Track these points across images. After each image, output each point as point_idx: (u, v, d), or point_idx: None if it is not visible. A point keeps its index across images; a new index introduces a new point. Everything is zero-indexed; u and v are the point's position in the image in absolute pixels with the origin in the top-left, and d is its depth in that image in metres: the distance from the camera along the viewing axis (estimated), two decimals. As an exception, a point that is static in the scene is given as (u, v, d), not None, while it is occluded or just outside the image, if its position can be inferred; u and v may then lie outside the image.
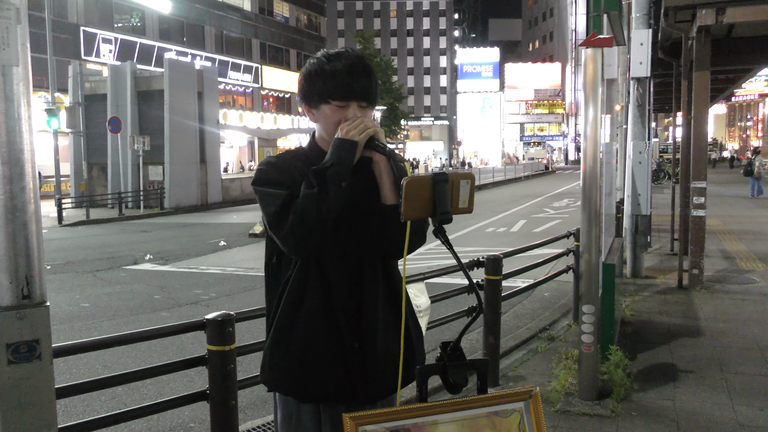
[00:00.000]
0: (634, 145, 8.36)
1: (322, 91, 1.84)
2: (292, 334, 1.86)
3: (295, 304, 1.86)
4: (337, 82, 1.82)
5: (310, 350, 1.84)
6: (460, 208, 1.67)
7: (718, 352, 5.38)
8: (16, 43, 1.79)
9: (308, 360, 1.84)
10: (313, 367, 1.83)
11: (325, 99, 1.84)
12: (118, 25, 36.85)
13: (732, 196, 22.71)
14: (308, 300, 1.85)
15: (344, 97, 1.83)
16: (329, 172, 1.74)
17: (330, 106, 1.84)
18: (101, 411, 4.42)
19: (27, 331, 1.81)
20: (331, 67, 1.83)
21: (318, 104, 1.86)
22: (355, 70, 1.83)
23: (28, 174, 1.82)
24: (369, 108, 1.88)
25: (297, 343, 1.85)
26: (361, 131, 1.78)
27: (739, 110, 77.04)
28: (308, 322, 1.84)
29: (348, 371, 1.84)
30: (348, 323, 1.84)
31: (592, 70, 4.19)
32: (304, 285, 1.86)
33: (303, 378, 1.84)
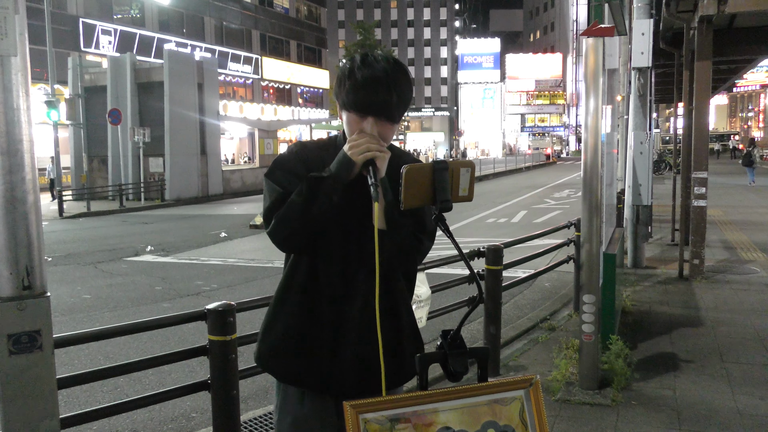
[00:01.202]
0: (636, 135, 8.35)
1: (344, 98, 1.84)
2: (278, 316, 1.92)
3: (284, 292, 1.92)
4: (357, 93, 1.80)
5: (290, 336, 1.89)
6: (461, 196, 1.66)
7: (718, 342, 5.39)
8: (14, 33, 1.79)
9: (286, 344, 1.89)
10: (289, 351, 1.88)
11: (347, 106, 1.84)
12: (118, 17, 36.71)
13: (733, 186, 22.70)
14: (295, 291, 1.90)
15: (360, 110, 1.81)
16: (324, 183, 1.75)
17: (349, 114, 1.84)
18: (103, 401, 4.44)
19: (28, 321, 1.81)
20: (356, 76, 1.80)
21: (341, 108, 1.88)
22: (378, 83, 1.78)
23: (27, 165, 1.82)
24: (389, 123, 1.84)
25: (279, 327, 1.91)
26: (361, 152, 1.76)
27: (741, 101, 76.82)
28: (291, 311, 1.89)
29: (325, 364, 1.86)
30: (334, 318, 1.86)
31: (594, 60, 4.18)
32: (294, 276, 1.90)
33: (279, 359, 1.91)
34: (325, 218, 1.77)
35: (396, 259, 1.84)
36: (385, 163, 1.80)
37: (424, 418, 1.57)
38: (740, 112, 77.69)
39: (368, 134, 1.80)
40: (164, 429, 4.16)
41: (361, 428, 1.52)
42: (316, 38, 57.26)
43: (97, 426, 4.11)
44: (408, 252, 1.86)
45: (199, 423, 4.18)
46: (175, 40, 38.42)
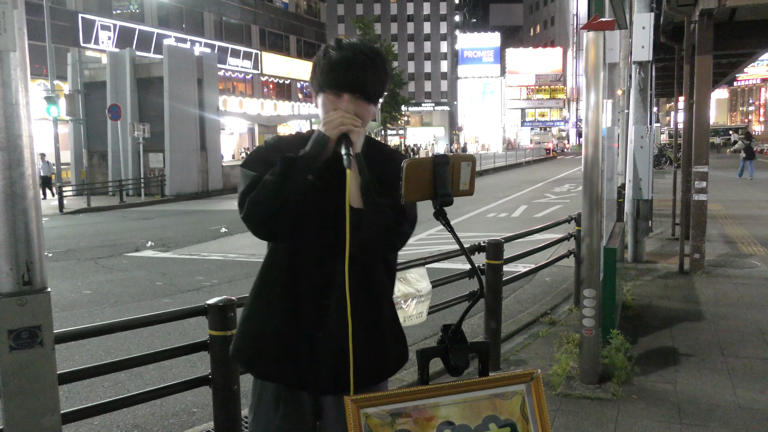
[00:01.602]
0: (636, 129, 8.34)
1: (319, 79, 1.82)
2: (253, 312, 1.89)
3: (260, 285, 1.89)
4: (331, 71, 1.79)
5: (265, 330, 1.85)
6: (461, 190, 1.65)
7: (718, 336, 5.39)
8: (13, 28, 1.78)
9: (263, 340, 1.85)
10: (266, 346, 1.85)
11: (321, 88, 1.82)
12: (117, 12, 36.64)
13: (734, 180, 22.68)
14: (272, 283, 1.86)
15: (335, 87, 1.79)
16: (299, 162, 1.71)
17: (325, 95, 1.82)
18: (104, 396, 4.44)
19: (28, 317, 1.81)
20: (330, 56, 1.80)
21: (317, 92, 1.85)
22: (352, 61, 1.78)
23: (27, 160, 1.81)
24: (365, 102, 1.81)
25: (255, 321, 1.88)
26: (335, 126, 1.73)
27: (741, 95, 76.72)
28: (268, 304, 1.86)
29: (299, 360, 1.81)
30: (311, 312, 1.82)
31: (594, 54, 4.16)
32: (271, 268, 1.88)
33: (256, 355, 1.87)
34: (301, 199, 1.71)
35: (374, 242, 1.74)
36: (361, 139, 1.77)
37: (426, 412, 1.57)
38: (741, 106, 77.58)
39: (343, 110, 1.77)
40: (165, 424, 4.17)
41: (362, 423, 1.52)
42: (315, 33, 57.14)
43: (98, 421, 4.11)
44: (387, 234, 1.76)
45: (200, 418, 4.18)
46: (174, 35, 38.37)
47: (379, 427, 1.54)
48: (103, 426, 4.11)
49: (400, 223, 1.77)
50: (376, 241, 1.75)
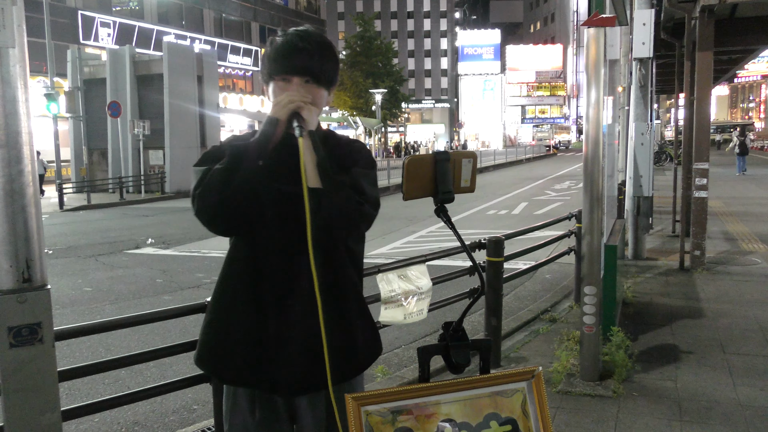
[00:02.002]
0: (637, 126, 8.33)
1: (268, 67, 1.80)
2: (217, 314, 1.83)
3: (222, 286, 1.83)
4: (278, 57, 1.77)
5: (230, 333, 1.79)
6: (462, 187, 1.65)
7: (719, 333, 5.39)
8: (12, 25, 1.77)
9: (227, 342, 1.79)
10: (231, 350, 1.78)
11: (270, 76, 1.80)
12: (117, 9, 36.60)
13: (735, 177, 22.67)
14: (234, 283, 1.81)
15: (283, 71, 1.77)
16: (248, 148, 1.68)
17: (275, 83, 1.79)
18: (104, 394, 4.44)
19: (28, 314, 1.81)
20: (276, 43, 1.79)
21: (267, 81, 1.83)
22: (296, 44, 1.76)
23: (26, 157, 1.81)
24: (315, 85, 1.79)
25: (219, 324, 1.82)
26: (284, 105, 1.70)
27: (742, 91, 76.65)
28: (231, 305, 1.80)
29: (269, 360, 1.75)
30: (277, 310, 1.75)
31: (595, 51, 4.15)
32: (232, 266, 1.82)
33: (223, 360, 1.80)
34: (251, 186, 1.66)
35: (337, 221, 1.66)
36: (314, 117, 1.73)
37: (426, 410, 1.57)
38: (741, 102, 77.51)
39: (293, 91, 1.74)
40: (166, 421, 4.17)
41: (362, 420, 1.52)
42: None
43: (99, 418, 4.12)
44: (349, 213, 1.68)
45: (201, 415, 4.18)
46: (174, 32, 38.33)
47: (380, 425, 1.53)
48: (103, 423, 4.12)
49: (360, 203, 1.70)
50: (338, 220, 1.67)
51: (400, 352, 5.30)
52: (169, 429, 4.03)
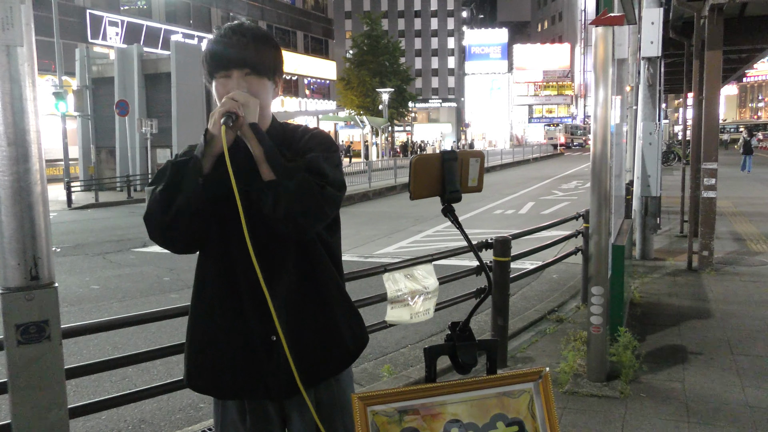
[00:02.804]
0: (645, 126, 8.29)
1: (206, 66, 1.76)
2: (198, 333, 1.79)
3: (199, 299, 1.79)
4: (214, 54, 1.73)
5: (218, 347, 1.75)
6: (470, 186, 1.65)
7: (727, 334, 5.36)
8: (21, 23, 1.77)
9: (217, 357, 1.75)
10: (222, 364, 1.75)
11: (212, 75, 1.75)
12: (125, 8, 36.72)
13: (743, 177, 22.56)
14: (211, 294, 1.76)
15: (222, 66, 1.72)
16: (188, 164, 1.63)
17: (217, 81, 1.74)
18: (111, 391, 4.46)
19: (36, 312, 1.81)
20: (211, 41, 1.76)
21: (211, 82, 1.77)
22: (234, 37, 1.73)
23: (34, 155, 1.81)
24: (256, 77, 1.73)
25: (203, 342, 1.78)
26: (216, 114, 1.63)
27: (751, 91, 76.22)
28: (211, 320, 1.76)
29: (260, 365, 1.73)
30: (257, 315, 1.71)
31: (603, 50, 4.13)
32: (204, 277, 1.78)
33: (212, 375, 1.77)
34: (196, 203, 1.61)
35: (299, 211, 1.60)
36: (252, 109, 1.66)
37: (433, 410, 1.56)
38: (750, 102, 77.07)
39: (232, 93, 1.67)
40: (172, 419, 4.18)
41: (369, 420, 1.52)
42: (322, 29, 57.09)
43: (106, 416, 4.13)
44: (310, 199, 1.61)
45: (207, 413, 4.19)
46: (182, 31, 38.41)
47: (386, 425, 1.53)
48: (110, 420, 4.13)
49: (321, 186, 1.63)
50: (298, 206, 1.60)
51: (407, 352, 5.29)
52: (175, 427, 4.04)
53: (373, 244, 10.72)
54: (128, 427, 4.08)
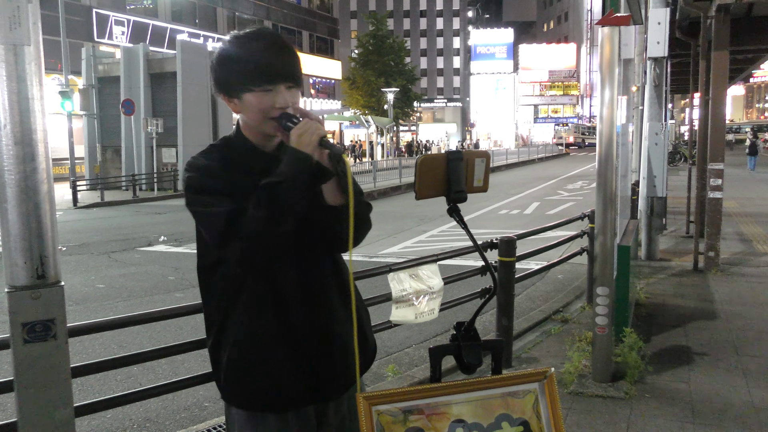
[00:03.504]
0: (651, 126, 8.27)
1: (243, 77, 1.62)
2: (252, 347, 1.70)
3: (249, 315, 1.69)
4: (259, 64, 1.62)
5: (274, 361, 1.69)
6: (475, 186, 1.64)
7: (733, 335, 5.34)
8: (28, 22, 1.78)
9: (273, 372, 1.69)
10: (279, 378, 1.69)
11: (246, 86, 1.63)
12: (131, 7, 36.82)
13: (749, 178, 22.47)
14: (262, 308, 1.69)
15: (268, 80, 1.62)
16: (281, 188, 1.53)
17: (254, 94, 1.63)
18: (117, 390, 4.47)
19: (42, 310, 1.82)
20: (248, 50, 1.64)
21: (239, 93, 1.65)
22: (276, 48, 1.65)
23: (41, 154, 1.82)
24: (296, 88, 1.68)
25: (259, 356, 1.69)
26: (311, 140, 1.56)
27: (758, 91, 75.90)
28: (266, 332, 1.69)
29: (312, 373, 1.72)
30: (305, 324, 1.71)
31: (609, 50, 4.13)
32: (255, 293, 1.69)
33: (271, 392, 1.69)
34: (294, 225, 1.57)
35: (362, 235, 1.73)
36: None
37: (438, 410, 1.56)
38: (757, 102, 76.76)
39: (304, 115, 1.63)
40: (177, 418, 4.19)
41: (374, 420, 1.52)
42: (328, 29, 57.11)
43: (111, 414, 4.14)
44: (367, 224, 1.76)
45: (212, 412, 4.20)
46: (187, 30, 38.48)
47: (391, 425, 1.53)
48: (115, 419, 4.14)
49: (369, 204, 1.77)
50: (361, 228, 1.71)
51: (411, 352, 5.29)
52: (180, 426, 4.05)
53: (378, 244, 10.71)
54: (133, 425, 4.09)
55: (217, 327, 1.75)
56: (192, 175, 1.65)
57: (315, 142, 1.55)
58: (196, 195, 1.63)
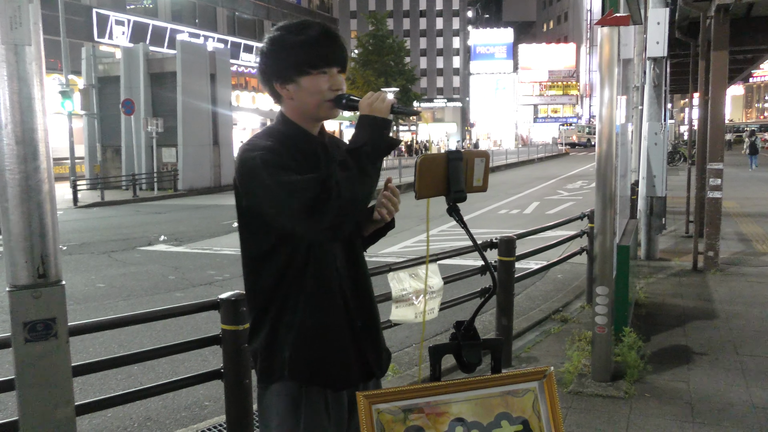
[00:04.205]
0: (650, 126, 8.27)
1: (302, 61, 1.73)
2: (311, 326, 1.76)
3: (317, 297, 1.76)
4: (318, 49, 1.74)
5: (341, 342, 1.79)
6: (475, 186, 1.65)
7: (732, 335, 5.34)
8: (29, 22, 1.79)
9: (341, 352, 1.79)
10: (348, 357, 1.80)
11: (304, 70, 1.73)
12: (131, 7, 36.80)
13: (749, 178, 22.48)
14: (320, 287, 1.77)
15: (327, 63, 1.75)
16: (363, 152, 1.61)
17: (310, 77, 1.74)
18: (117, 389, 4.48)
19: (43, 309, 1.82)
20: (305, 37, 1.74)
21: (295, 77, 1.75)
22: (330, 35, 1.77)
23: (42, 154, 1.83)
24: (343, 74, 1.82)
25: (329, 336, 1.77)
26: (385, 105, 1.67)
27: (757, 91, 75.91)
28: (334, 314, 1.78)
29: (365, 351, 1.84)
30: (358, 309, 1.84)
31: (608, 50, 4.13)
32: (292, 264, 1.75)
33: (341, 369, 1.79)
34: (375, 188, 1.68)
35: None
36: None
37: (437, 408, 1.57)
38: (756, 102, 76.78)
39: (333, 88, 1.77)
40: (178, 417, 4.19)
41: (374, 419, 1.52)
42: (328, 28, 57.00)
43: (111, 413, 4.15)
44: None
45: (212, 411, 4.21)
46: (187, 30, 38.46)
47: (391, 423, 1.54)
48: (116, 418, 4.15)
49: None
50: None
51: (411, 351, 5.30)
52: (180, 425, 4.05)
53: (378, 243, 10.69)
54: (134, 424, 4.10)
55: (276, 310, 1.77)
56: (262, 153, 1.69)
57: (388, 108, 1.66)
58: (275, 168, 1.65)
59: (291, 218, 1.63)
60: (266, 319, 1.79)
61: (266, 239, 1.75)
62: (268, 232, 1.73)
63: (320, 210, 1.57)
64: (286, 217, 1.65)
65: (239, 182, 1.73)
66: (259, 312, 1.81)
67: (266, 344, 1.78)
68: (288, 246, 1.75)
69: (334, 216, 1.57)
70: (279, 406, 1.76)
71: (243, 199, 1.75)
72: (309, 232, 1.65)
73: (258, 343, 1.80)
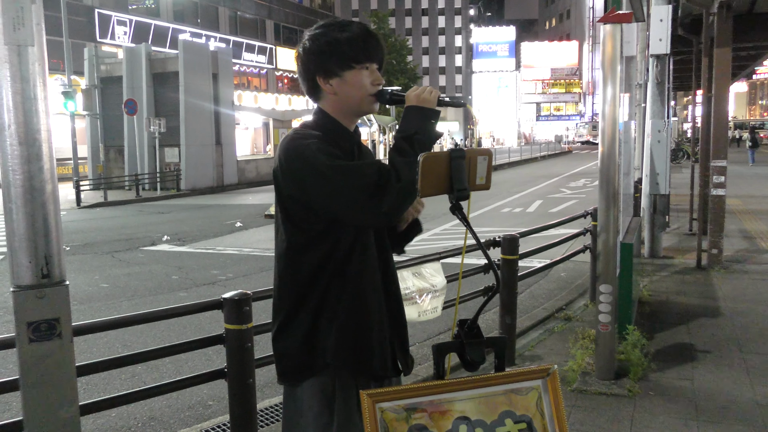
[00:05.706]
0: (653, 123, 8.25)
1: (346, 56, 1.80)
2: (355, 315, 1.80)
3: (354, 282, 1.80)
4: (361, 44, 1.82)
5: (378, 329, 1.85)
6: (478, 184, 1.65)
7: (736, 332, 5.33)
8: (31, 23, 1.79)
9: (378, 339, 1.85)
10: (382, 344, 1.86)
11: (348, 64, 1.80)
12: (133, 7, 36.83)
13: (753, 175, 22.42)
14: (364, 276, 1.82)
15: (369, 59, 1.83)
16: (417, 139, 1.70)
17: (354, 71, 1.81)
18: (121, 389, 4.49)
19: (47, 309, 1.83)
20: (349, 33, 1.82)
21: (340, 72, 1.81)
22: (371, 33, 1.86)
23: (45, 154, 1.83)
24: (381, 71, 1.90)
25: (362, 323, 1.81)
26: (431, 92, 1.75)
27: (761, 88, 75.70)
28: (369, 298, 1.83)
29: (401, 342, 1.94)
30: (391, 295, 1.92)
31: (611, 47, 4.12)
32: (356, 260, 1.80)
33: (377, 356, 1.83)
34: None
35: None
36: None
37: (441, 407, 1.57)
38: (760, 99, 76.57)
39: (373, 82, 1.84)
40: (181, 416, 4.20)
41: (377, 417, 1.52)
42: (330, 27, 57.01)
43: (115, 413, 4.15)
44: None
45: (216, 411, 4.21)
46: (189, 30, 38.49)
47: (395, 422, 1.53)
48: (120, 418, 4.16)
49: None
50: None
51: (414, 350, 5.29)
52: (184, 425, 4.06)
53: (381, 243, 10.70)
54: (138, 424, 4.11)
55: (317, 300, 1.79)
56: (315, 141, 1.74)
57: (435, 99, 1.74)
58: (330, 155, 1.71)
59: (348, 203, 1.66)
60: (304, 313, 1.80)
61: (310, 228, 1.77)
62: (312, 220, 1.76)
63: (380, 193, 1.63)
64: (342, 202, 1.67)
65: (287, 170, 1.75)
66: (293, 307, 1.81)
67: (304, 339, 1.79)
68: (333, 235, 1.77)
69: (395, 199, 1.64)
70: (312, 402, 1.78)
71: (287, 188, 1.77)
72: (367, 216, 1.68)
73: (291, 340, 1.80)
